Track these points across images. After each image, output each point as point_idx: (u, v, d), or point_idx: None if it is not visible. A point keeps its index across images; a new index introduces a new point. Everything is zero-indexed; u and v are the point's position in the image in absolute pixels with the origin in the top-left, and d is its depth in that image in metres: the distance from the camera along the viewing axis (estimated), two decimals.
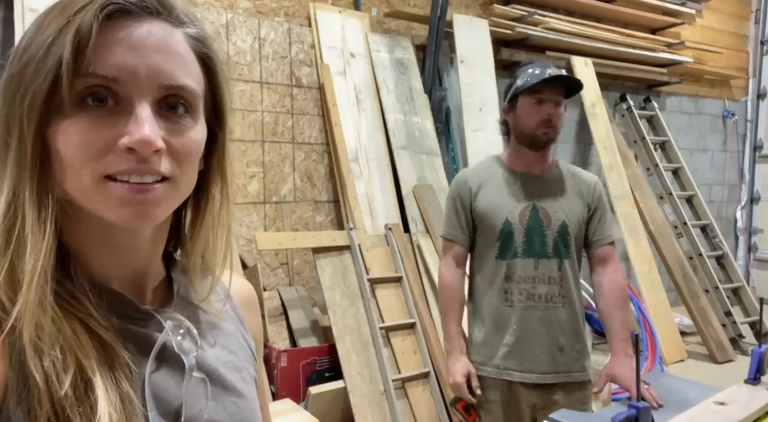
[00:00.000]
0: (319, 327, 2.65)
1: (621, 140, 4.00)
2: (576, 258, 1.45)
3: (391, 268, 2.72)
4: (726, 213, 5.24)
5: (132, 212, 0.41)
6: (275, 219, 2.88)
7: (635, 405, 0.78)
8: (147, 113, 0.40)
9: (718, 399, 0.94)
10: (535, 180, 1.45)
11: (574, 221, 1.43)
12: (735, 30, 5.15)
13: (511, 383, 1.42)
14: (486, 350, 1.45)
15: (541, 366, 1.41)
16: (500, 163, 1.50)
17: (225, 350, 0.52)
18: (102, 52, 0.39)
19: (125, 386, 0.40)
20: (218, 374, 0.49)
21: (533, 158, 1.45)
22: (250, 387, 0.53)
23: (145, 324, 0.46)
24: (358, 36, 3.05)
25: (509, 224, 1.41)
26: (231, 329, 0.54)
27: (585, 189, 1.47)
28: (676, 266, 3.80)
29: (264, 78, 2.84)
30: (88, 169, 0.40)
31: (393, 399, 2.38)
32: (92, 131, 0.40)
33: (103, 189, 0.40)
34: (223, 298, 0.56)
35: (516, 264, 1.41)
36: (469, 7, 3.57)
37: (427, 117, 3.14)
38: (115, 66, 0.40)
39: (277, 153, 2.88)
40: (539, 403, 1.41)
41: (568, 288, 1.42)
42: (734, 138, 5.20)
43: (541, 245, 1.41)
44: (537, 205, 1.42)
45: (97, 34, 0.39)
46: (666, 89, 4.62)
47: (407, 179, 2.95)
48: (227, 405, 0.48)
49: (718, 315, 3.78)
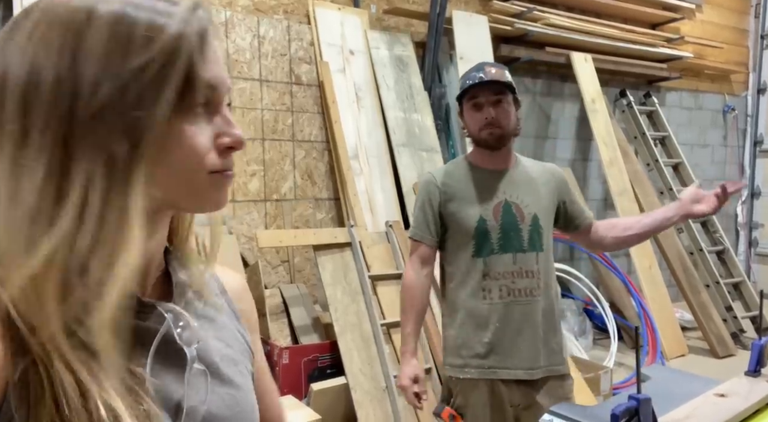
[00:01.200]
0: (320, 324, 2.66)
1: (621, 136, 4.00)
2: (550, 250, 1.47)
3: (391, 265, 2.73)
4: (726, 208, 5.24)
5: (226, 197, 0.49)
6: (276, 217, 2.88)
7: (635, 397, 0.78)
8: (230, 115, 0.47)
9: (719, 391, 0.95)
10: (503, 176, 1.45)
11: (545, 214, 1.45)
12: (735, 25, 5.14)
13: (493, 383, 1.40)
14: (465, 351, 1.42)
15: (526, 361, 1.39)
16: (467, 162, 1.50)
17: (222, 343, 0.52)
18: (208, 64, 0.45)
19: (127, 381, 0.40)
20: (216, 366, 0.49)
21: (495, 156, 1.45)
22: (246, 380, 0.54)
23: (146, 316, 0.46)
24: (358, 33, 3.05)
25: (483, 222, 1.40)
26: (227, 322, 0.55)
27: (552, 180, 1.49)
28: (677, 261, 3.81)
29: (263, 76, 2.84)
30: (203, 165, 0.45)
31: (395, 396, 2.39)
32: (205, 133, 0.45)
33: (215, 182, 0.46)
34: (218, 292, 0.57)
35: (493, 261, 1.40)
36: (469, 3, 3.56)
37: (427, 114, 3.14)
38: (217, 77, 0.45)
39: (278, 151, 2.88)
40: (522, 403, 1.40)
41: (546, 280, 1.43)
42: (735, 133, 5.20)
43: (517, 239, 1.41)
44: (508, 200, 1.43)
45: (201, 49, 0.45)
46: (666, 85, 4.61)
47: (407, 176, 2.96)
48: (225, 397, 0.49)
49: (719, 310, 3.78)
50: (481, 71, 1.40)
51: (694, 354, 3.55)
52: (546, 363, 1.41)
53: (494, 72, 1.39)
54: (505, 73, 1.42)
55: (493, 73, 1.38)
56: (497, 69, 1.41)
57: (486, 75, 1.38)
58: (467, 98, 1.42)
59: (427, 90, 3.19)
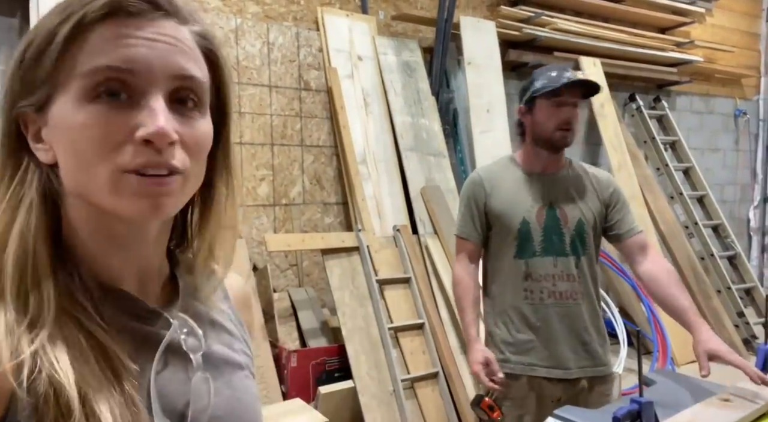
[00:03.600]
0: (328, 327, 2.67)
1: (630, 140, 3.98)
2: (594, 256, 1.48)
3: (399, 269, 2.74)
4: (739, 213, 5.18)
5: (149, 204, 0.41)
6: (285, 221, 2.91)
7: (638, 400, 0.79)
8: (161, 104, 0.41)
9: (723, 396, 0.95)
10: (551, 180, 1.47)
11: (591, 219, 1.45)
12: (746, 28, 5.10)
13: (535, 378, 1.44)
14: (507, 347, 1.47)
15: (566, 361, 1.43)
16: (515, 163, 1.52)
17: (227, 348, 0.52)
18: (115, 46, 0.40)
19: (128, 388, 0.40)
20: (220, 371, 0.50)
21: (548, 158, 1.47)
22: (250, 384, 0.54)
23: (153, 323, 0.46)
24: (366, 39, 3.07)
25: (527, 224, 1.43)
26: (231, 328, 0.55)
27: (599, 186, 1.49)
28: (688, 266, 3.77)
29: (273, 82, 2.88)
30: (105, 163, 0.40)
31: (402, 400, 2.39)
32: (109, 124, 0.40)
33: (120, 183, 0.41)
34: (223, 298, 0.56)
35: (535, 263, 1.43)
36: (476, 9, 3.58)
37: (435, 119, 3.16)
38: (129, 58, 0.40)
39: (286, 156, 2.91)
40: (564, 396, 1.43)
41: (586, 285, 1.45)
42: (746, 137, 5.15)
43: (559, 243, 1.43)
44: (553, 204, 1.45)
45: (108, 28, 0.41)
46: (676, 89, 4.58)
47: (415, 181, 2.97)
48: (230, 402, 0.49)
49: (731, 316, 3.74)
50: (567, 71, 1.43)
51: None
52: (587, 364, 1.45)
53: (580, 75, 1.41)
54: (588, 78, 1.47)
55: (580, 76, 1.44)
56: (579, 73, 1.43)
57: (573, 76, 1.41)
58: (548, 96, 1.42)
59: (435, 95, 3.20)
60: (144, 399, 0.42)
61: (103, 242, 0.45)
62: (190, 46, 0.44)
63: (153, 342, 0.45)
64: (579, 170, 1.51)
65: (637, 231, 1.48)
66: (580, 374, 1.44)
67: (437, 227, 2.87)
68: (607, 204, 1.48)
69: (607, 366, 1.48)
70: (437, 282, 2.77)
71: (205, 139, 0.45)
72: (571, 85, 1.40)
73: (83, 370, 0.39)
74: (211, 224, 0.50)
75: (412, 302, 2.69)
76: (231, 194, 0.50)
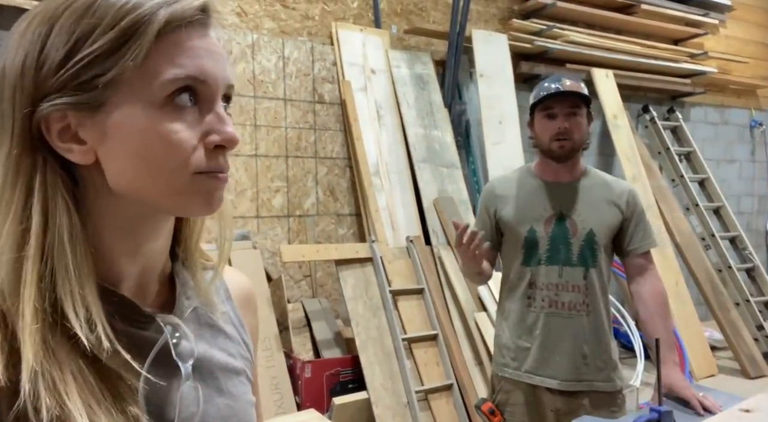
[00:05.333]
0: (342, 338, 2.68)
1: (644, 152, 3.96)
2: (604, 268, 1.44)
3: (412, 280, 2.74)
4: (756, 225, 5.11)
5: (216, 201, 0.45)
6: (299, 232, 2.93)
7: (656, 409, 0.78)
8: (224, 112, 0.45)
9: (744, 407, 0.94)
10: (564, 189, 1.47)
11: (603, 230, 1.42)
12: (761, 39, 5.08)
13: (535, 387, 1.43)
14: (510, 352, 1.47)
15: (564, 373, 1.41)
16: (530, 172, 1.53)
17: (224, 352, 0.52)
18: (189, 56, 0.42)
19: (134, 412, 0.40)
20: (214, 376, 0.49)
21: (560, 167, 1.47)
22: (246, 390, 0.53)
23: (146, 327, 0.46)
24: (379, 53, 3.12)
25: (534, 232, 1.44)
26: (230, 331, 0.54)
27: (617, 197, 1.46)
28: (705, 278, 3.72)
29: (287, 95, 2.92)
30: (182, 166, 0.42)
31: (416, 411, 2.38)
32: (187, 131, 0.43)
33: (196, 184, 0.43)
34: (224, 298, 0.56)
35: (540, 271, 1.43)
36: (488, 22, 3.61)
37: (447, 131, 3.18)
38: (203, 69, 0.43)
39: (301, 168, 2.95)
40: (563, 408, 1.41)
41: (593, 297, 1.42)
42: (762, 148, 5.09)
43: (566, 253, 1.42)
44: (564, 213, 1.44)
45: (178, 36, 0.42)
46: (690, 100, 4.56)
47: (428, 192, 2.98)
48: (221, 408, 0.49)
49: (750, 329, 3.67)
50: (557, 82, 1.42)
51: (725, 374, 3.45)
52: (586, 378, 1.41)
53: (570, 84, 1.41)
54: (582, 85, 1.45)
55: (569, 85, 1.41)
56: (573, 81, 1.43)
57: (562, 86, 1.41)
58: (540, 108, 1.44)
59: (448, 107, 3.23)
60: (133, 403, 0.41)
61: (122, 241, 0.45)
62: (225, 53, 0.47)
63: (145, 347, 0.44)
64: (597, 179, 1.49)
65: (644, 250, 1.45)
66: (578, 387, 1.40)
67: (450, 238, 2.88)
68: (623, 217, 1.45)
69: (612, 382, 1.43)
70: (450, 293, 2.77)
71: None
72: (560, 95, 1.40)
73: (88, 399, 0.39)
74: (204, 223, 0.52)
75: (425, 314, 2.69)
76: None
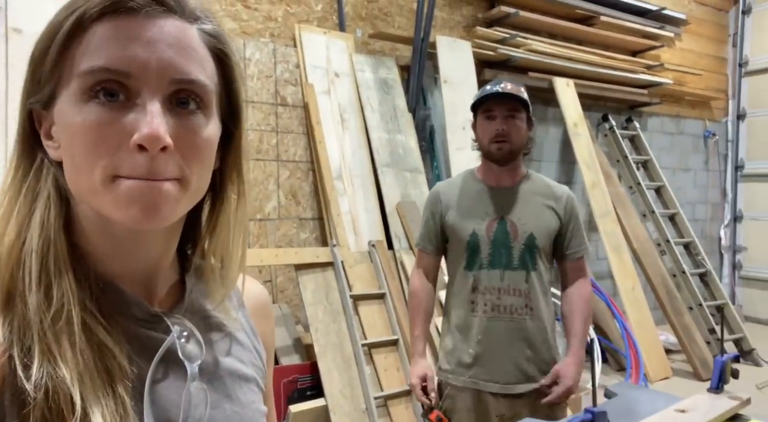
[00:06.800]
0: (301, 344, 2.64)
1: (603, 159, 4.06)
2: (544, 270, 1.46)
3: (374, 285, 2.72)
4: (710, 231, 5.30)
5: (141, 211, 0.39)
6: (259, 236, 2.89)
7: (591, 410, 0.79)
8: (156, 108, 0.39)
9: (679, 407, 0.96)
10: (505, 192, 1.48)
11: (543, 233, 1.44)
12: (714, 53, 5.29)
13: (480, 392, 1.44)
14: (454, 358, 1.47)
15: (506, 376, 1.42)
16: (474, 176, 1.53)
17: (234, 359, 0.50)
18: (114, 45, 0.39)
19: (121, 392, 0.39)
20: (223, 382, 0.48)
21: (502, 171, 1.48)
22: (256, 397, 0.51)
23: (153, 327, 0.45)
24: (343, 56, 3.11)
25: (476, 236, 1.44)
26: (242, 338, 0.53)
27: (556, 201, 1.48)
28: (660, 283, 3.83)
29: (249, 97, 2.88)
30: (99, 167, 0.39)
31: (374, 418, 2.36)
32: (103, 126, 0.39)
33: (113, 187, 0.39)
34: (237, 306, 0.54)
35: (482, 276, 1.44)
36: (453, 29, 3.65)
37: (411, 135, 3.19)
38: (126, 60, 0.39)
39: (262, 171, 2.90)
40: (507, 413, 1.42)
41: (535, 300, 1.44)
42: (716, 158, 5.30)
43: (507, 257, 1.43)
44: (505, 217, 1.45)
45: (107, 26, 0.39)
46: (647, 110, 4.71)
47: (391, 197, 2.98)
48: (229, 415, 0.47)
49: (702, 333, 3.79)
50: (498, 85, 1.45)
51: (679, 376, 3.54)
52: (531, 380, 1.43)
53: (510, 87, 1.43)
54: (522, 90, 1.46)
55: (509, 88, 1.43)
56: (514, 85, 1.45)
57: (502, 89, 1.43)
58: (481, 110, 1.46)
59: (412, 112, 3.24)
60: (138, 405, 0.40)
61: (105, 242, 0.44)
62: (193, 45, 0.42)
63: (152, 347, 0.43)
64: (538, 183, 1.50)
65: (579, 256, 1.49)
66: (521, 389, 1.42)
67: (412, 242, 2.88)
68: (561, 221, 1.48)
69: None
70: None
71: (207, 143, 0.43)
72: (499, 97, 1.42)
73: (81, 368, 0.38)
74: (220, 228, 0.48)
75: (386, 319, 2.67)
76: (242, 200, 0.49)
